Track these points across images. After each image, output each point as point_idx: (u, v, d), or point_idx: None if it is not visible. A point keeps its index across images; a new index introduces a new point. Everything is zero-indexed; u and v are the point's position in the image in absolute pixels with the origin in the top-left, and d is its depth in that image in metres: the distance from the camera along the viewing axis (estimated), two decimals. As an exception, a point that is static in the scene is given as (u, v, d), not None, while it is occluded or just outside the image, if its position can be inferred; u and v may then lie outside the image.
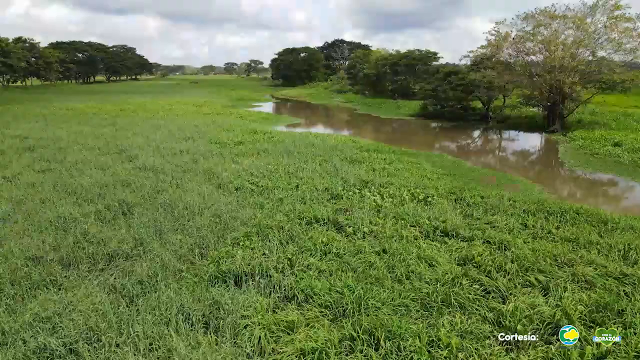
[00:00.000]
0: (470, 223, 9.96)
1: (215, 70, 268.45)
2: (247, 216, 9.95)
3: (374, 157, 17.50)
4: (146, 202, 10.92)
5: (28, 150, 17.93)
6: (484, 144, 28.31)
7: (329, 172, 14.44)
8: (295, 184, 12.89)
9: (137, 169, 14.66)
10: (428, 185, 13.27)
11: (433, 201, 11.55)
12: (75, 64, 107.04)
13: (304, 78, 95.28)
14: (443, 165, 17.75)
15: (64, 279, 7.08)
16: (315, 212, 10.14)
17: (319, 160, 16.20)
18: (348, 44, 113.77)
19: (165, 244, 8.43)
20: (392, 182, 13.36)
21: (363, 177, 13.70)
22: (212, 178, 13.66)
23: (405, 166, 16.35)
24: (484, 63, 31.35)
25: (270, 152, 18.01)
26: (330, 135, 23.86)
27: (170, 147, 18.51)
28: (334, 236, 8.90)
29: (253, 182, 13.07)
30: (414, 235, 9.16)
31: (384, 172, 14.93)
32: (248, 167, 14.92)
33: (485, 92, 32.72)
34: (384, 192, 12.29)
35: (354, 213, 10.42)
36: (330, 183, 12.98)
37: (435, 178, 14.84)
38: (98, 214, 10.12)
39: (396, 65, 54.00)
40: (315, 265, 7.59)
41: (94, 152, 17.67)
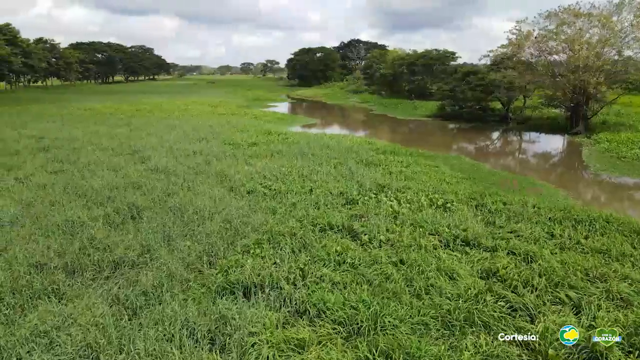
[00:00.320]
0: (493, 232, 9.44)
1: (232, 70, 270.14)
2: (259, 222, 9.59)
3: (390, 160, 17.02)
4: (156, 206, 10.66)
5: (43, 150, 17.91)
6: (504, 146, 27.53)
7: (344, 175, 14.01)
8: (309, 187, 12.50)
9: (149, 170, 14.46)
10: (447, 189, 12.75)
11: (452, 207, 11.04)
12: (95, 64, 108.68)
13: (320, 78, 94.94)
14: (462, 168, 17.17)
15: (67, 287, 6.81)
16: (329, 218, 9.73)
17: (334, 163, 15.79)
18: (364, 43, 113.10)
19: (173, 251, 8.12)
20: (409, 186, 12.87)
21: (379, 181, 13.24)
22: (224, 180, 13.36)
23: (423, 169, 15.83)
24: (505, 63, 30.54)
25: (284, 153, 17.67)
26: (346, 137, 23.42)
27: (184, 148, 18.31)
28: (348, 244, 8.48)
29: (266, 186, 12.73)
30: (433, 244, 8.68)
31: (400, 176, 14.44)
32: (261, 170, 14.59)
33: (505, 92, 31.87)
34: (401, 197, 11.82)
35: (369, 219, 9.99)
36: (345, 187, 12.56)
37: (454, 182, 14.30)
38: (107, 217, 9.88)
39: (413, 65, 53.26)
40: (328, 277, 7.19)
41: (107, 152, 17.56)
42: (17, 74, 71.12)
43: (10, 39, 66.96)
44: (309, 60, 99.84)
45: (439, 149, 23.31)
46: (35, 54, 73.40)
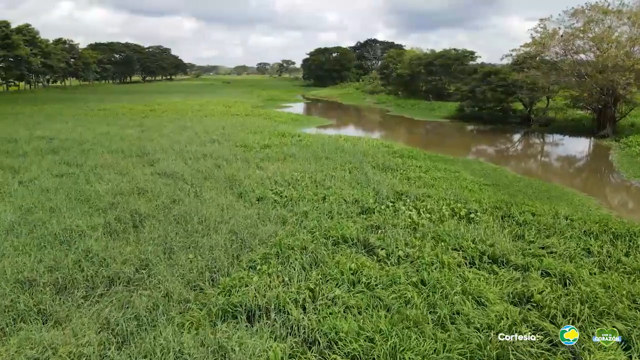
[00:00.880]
0: (523, 247, 8.60)
1: (248, 71, 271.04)
2: (267, 233, 8.92)
3: (408, 164, 16.21)
4: (160, 214, 10.08)
5: (51, 152, 17.57)
6: (527, 149, 26.42)
7: (360, 181, 13.27)
8: (322, 195, 11.79)
9: (157, 174, 13.94)
10: (470, 198, 11.90)
11: (477, 218, 10.22)
12: (113, 65, 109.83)
13: (336, 78, 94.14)
14: (484, 174, 16.26)
15: (54, 308, 6.22)
16: (343, 230, 9.01)
17: (349, 168, 15.06)
18: (381, 43, 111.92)
19: (173, 266, 7.49)
20: (429, 194, 12.06)
21: (397, 188, 12.46)
22: (234, 186, 12.75)
23: (443, 175, 14.98)
24: (528, 62, 29.34)
25: (297, 157, 17.00)
26: (361, 139, 22.65)
27: (194, 151, 17.79)
28: (364, 261, 7.74)
29: (277, 192, 12.06)
30: (457, 261, 7.89)
31: (419, 182, 13.65)
32: (272, 174, 13.94)
33: (528, 93, 30.64)
34: (420, 206, 11.02)
35: (387, 231, 9.24)
36: (360, 194, 11.81)
37: (477, 189, 13.44)
38: (107, 226, 9.33)
39: (431, 65, 52.13)
40: (341, 300, 6.47)
41: (116, 155, 17.14)
42: (36, 74, 72.10)
43: (29, 39, 67.90)
44: (325, 60, 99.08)
45: (458, 153, 22.38)
46: (54, 54, 74.38)
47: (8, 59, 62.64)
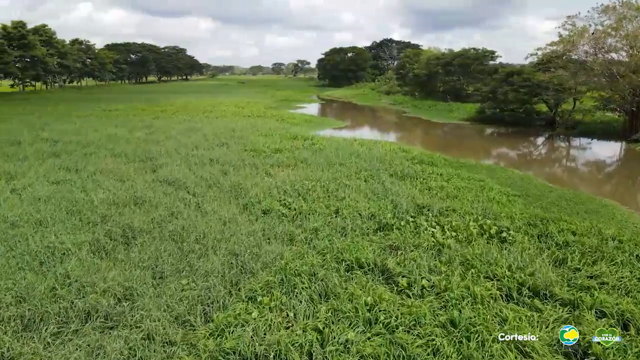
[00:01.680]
0: (567, 276, 7.39)
1: (263, 71, 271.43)
2: (272, 255, 7.87)
3: (428, 172, 15.01)
4: (154, 229, 9.11)
5: (53, 156, 16.83)
6: (554, 154, 24.89)
7: (376, 191, 12.14)
8: (334, 207, 10.70)
9: (158, 182, 13.02)
10: (499, 212, 10.67)
11: (509, 238, 9.02)
12: (129, 65, 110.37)
13: (351, 78, 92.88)
14: (512, 182, 14.97)
15: (18, 348, 5.26)
16: (358, 253, 7.91)
17: (364, 176, 13.93)
18: (397, 43, 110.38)
19: (161, 295, 6.50)
20: (453, 207, 10.87)
21: (417, 200, 11.29)
22: (239, 195, 11.75)
23: (467, 184, 13.75)
24: (554, 62, 27.78)
25: (309, 162, 15.93)
26: (377, 142, 21.49)
27: (200, 155, 16.86)
28: (382, 293, 6.63)
29: (285, 203, 11.01)
30: (491, 294, 6.72)
31: (441, 193, 12.45)
32: (282, 183, 12.90)
33: (553, 94, 29.06)
34: (444, 221, 9.86)
35: (407, 253, 8.13)
36: (377, 207, 10.69)
37: (506, 201, 12.19)
38: (95, 244, 8.39)
39: (449, 65, 50.57)
40: (355, 345, 5.39)
41: (119, 159, 16.31)
42: (52, 74, 72.46)
43: (46, 39, 68.24)
44: (340, 60, 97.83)
45: (481, 158, 21.10)
46: (70, 54, 74.71)
47: (24, 59, 62.95)
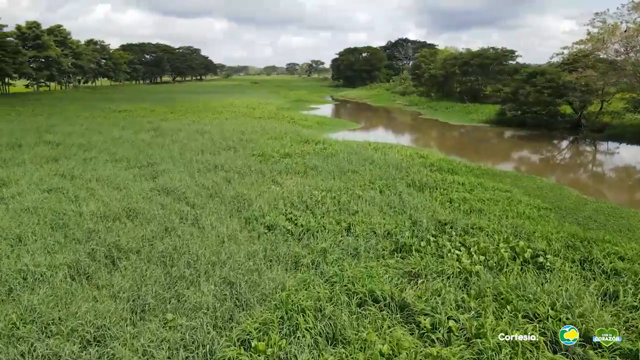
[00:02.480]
0: (623, 316, 6.18)
1: (277, 71, 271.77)
2: (272, 284, 6.82)
3: (448, 181, 13.81)
4: (144, 249, 8.13)
5: (51, 160, 16.06)
6: (583, 160, 23.35)
7: (392, 204, 10.99)
8: (346, 223, 9.61)
9: (156, 191, 12.07)
10: (531, 230, 9.45)
11: (547, 263, 7.81)
12: (143, 65, 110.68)
13: (365, 79, 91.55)
14: (541, 193, 13.68)
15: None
16: (372, 283, 6.80)
17: (379, 185, 12.79)
18: (412, 43, 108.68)
19: (139, 337, 5.49)
20: (479, 224, 9.66)
21: (439, 215, 10.12)
22: (242, 208, 10.73)
23: (492, 196, 12.51)
24: (582, 61, 26.22)
25: (320, 169, 14.87)
26: (393, 147, 20.31)
27: (205, 161, 15.92)
28: (400, 337, 5.53)
29: (291, 218, 9.95)
30: (533, 342, 5.55)
31: (465, 206, 11.25)
32: (289, 193, 11.86)
33: (580, 95, 27.47)
34: (470, 242, 8.68)
35: (429, 282, 7.01)
36: (394, 224, 9.57)
37: (537, 216, 10.94)
38: (74, 266, 7.44)
39: (466, 65, 48.96)
40: (368, 416, 4.29)
41: (119, 164, 15.47)
42: (67, 74, 72.68)
43: (61, 40, 68.44)
44: (354, 60, 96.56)
45: (504, 164, 19.81)
46: (84, 54, 74.88)
47: (39, 59, 63.14)
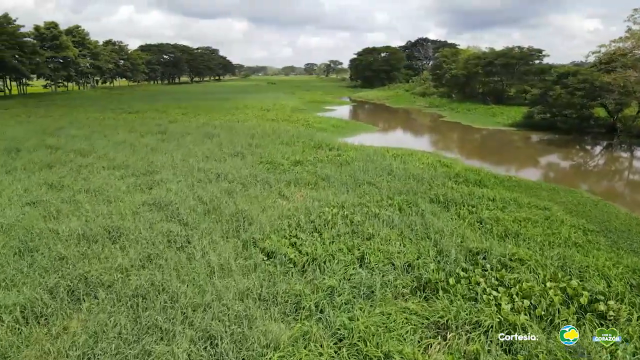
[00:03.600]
0: None
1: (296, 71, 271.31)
2: (264, 339, 5.43)
3: (477, 195, 12.21)
4: (117, 283, 6.84)
5: (46, 167, 15.04)
6: (623, 170, 21.31)
7: (413, 226, 9.48)
8: (359, 251, 8.15)
9: (148, 205, 10.81)
10: (582, 263, 7.84)
11: (609, 312, 6.23)
12: (161, 66, 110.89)
13: (384, 79, 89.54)
14: (583, 210, 11.99)
15: None
16: (388, 342, 5.35)
17: (398, 201, 11.25)
18: (433, 42, 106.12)
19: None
20: (518, 254, 8.08)
21: (469, 242, 8.58)
22: (241, 227, 9.39)
23: (528, 214, 10.87)
24: (620, 61, 24.17)
25: (332, 180, 13.46)
26: (413, 154, 18.74)
27: (208, 169, 14.66)
28: None
29: (295, 243, 8.55)
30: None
31: (498, 228, 9.68)
32: (295, 210, 10.47)
33: (618, 98, 25.37)
34: (508, 279, 7.13)
35: (462, 337, 5.53)
36: (415, 252, 8.08)
37: (586, 243, 9.30)
38: (29, 307, 6.18)
39: (490, 64, 46.84)
40: None
41: (116, 172, 14.31)
42: (85, 75, 72.85)
43: (79, 40, 68.57)
44: (373, 60, 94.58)
45: (535, 172, 18.10)
46: (102, 55, 74.99)
47: (56, 60, 63.25)
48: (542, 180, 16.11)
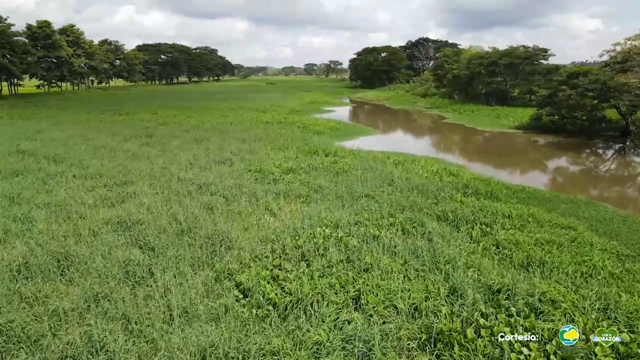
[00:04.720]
0: None
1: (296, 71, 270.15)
2: None
3: (490, 211, 10.76)
4: (43, 340, 5.38)
5: (11, 175, 13.65)
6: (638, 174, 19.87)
7: (419, 253, 8.01)
8: (354, 288, 6.70)
9: (112, 225, 9.36)
10: (627, 305, 6.37)
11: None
12: (159, 66, 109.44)
13: (384, 79, 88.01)
14: (612, 229, 10.54)
15: None
16: None
17: (401, 220, 9.79)
18: (434, 42, 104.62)
19: None
20: (549, 293, 6.61)
21: (487, 275, 7.12)
22: (215, 254, 7.97)
23: (551, 235, 9.38)
24: (636, 60, 22.72)
25: (326, 192, 12.03)
26: (416, 160, 17.30)
27: (190, 178, 13.24)
28: None
29: (277, 277, 7.10)
30: None
31: (519, 255, 8.21)
32: (282, 231, 9.02)
33: (632, 99, 23.91)
34: (540, 328, 5.68)
35: None
36: (423, 291, 6.62)
37: (624, 273, 7.82)
38: None
39: (494, 64, 45.38)
40: None
41: (86, 182, 12.91)
42: (79, 75, 71.39)
43: (73, 40, 67.17)
44: (373, 60, 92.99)
45: (551, 181, 16.61)
46: (97, 55, 73.56)
47: (49, 59, 61.78)
48: (558, 191, 14.63)
